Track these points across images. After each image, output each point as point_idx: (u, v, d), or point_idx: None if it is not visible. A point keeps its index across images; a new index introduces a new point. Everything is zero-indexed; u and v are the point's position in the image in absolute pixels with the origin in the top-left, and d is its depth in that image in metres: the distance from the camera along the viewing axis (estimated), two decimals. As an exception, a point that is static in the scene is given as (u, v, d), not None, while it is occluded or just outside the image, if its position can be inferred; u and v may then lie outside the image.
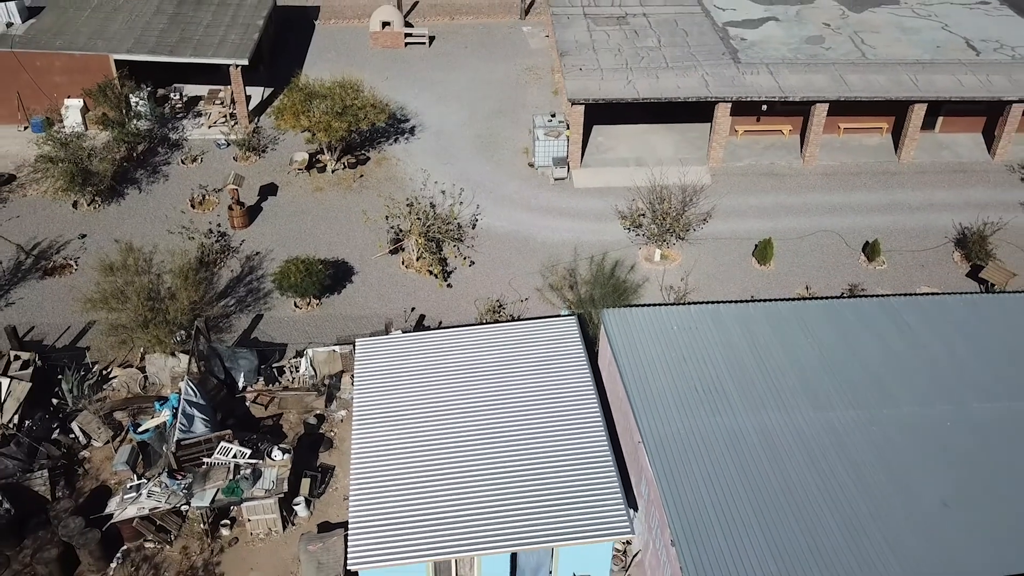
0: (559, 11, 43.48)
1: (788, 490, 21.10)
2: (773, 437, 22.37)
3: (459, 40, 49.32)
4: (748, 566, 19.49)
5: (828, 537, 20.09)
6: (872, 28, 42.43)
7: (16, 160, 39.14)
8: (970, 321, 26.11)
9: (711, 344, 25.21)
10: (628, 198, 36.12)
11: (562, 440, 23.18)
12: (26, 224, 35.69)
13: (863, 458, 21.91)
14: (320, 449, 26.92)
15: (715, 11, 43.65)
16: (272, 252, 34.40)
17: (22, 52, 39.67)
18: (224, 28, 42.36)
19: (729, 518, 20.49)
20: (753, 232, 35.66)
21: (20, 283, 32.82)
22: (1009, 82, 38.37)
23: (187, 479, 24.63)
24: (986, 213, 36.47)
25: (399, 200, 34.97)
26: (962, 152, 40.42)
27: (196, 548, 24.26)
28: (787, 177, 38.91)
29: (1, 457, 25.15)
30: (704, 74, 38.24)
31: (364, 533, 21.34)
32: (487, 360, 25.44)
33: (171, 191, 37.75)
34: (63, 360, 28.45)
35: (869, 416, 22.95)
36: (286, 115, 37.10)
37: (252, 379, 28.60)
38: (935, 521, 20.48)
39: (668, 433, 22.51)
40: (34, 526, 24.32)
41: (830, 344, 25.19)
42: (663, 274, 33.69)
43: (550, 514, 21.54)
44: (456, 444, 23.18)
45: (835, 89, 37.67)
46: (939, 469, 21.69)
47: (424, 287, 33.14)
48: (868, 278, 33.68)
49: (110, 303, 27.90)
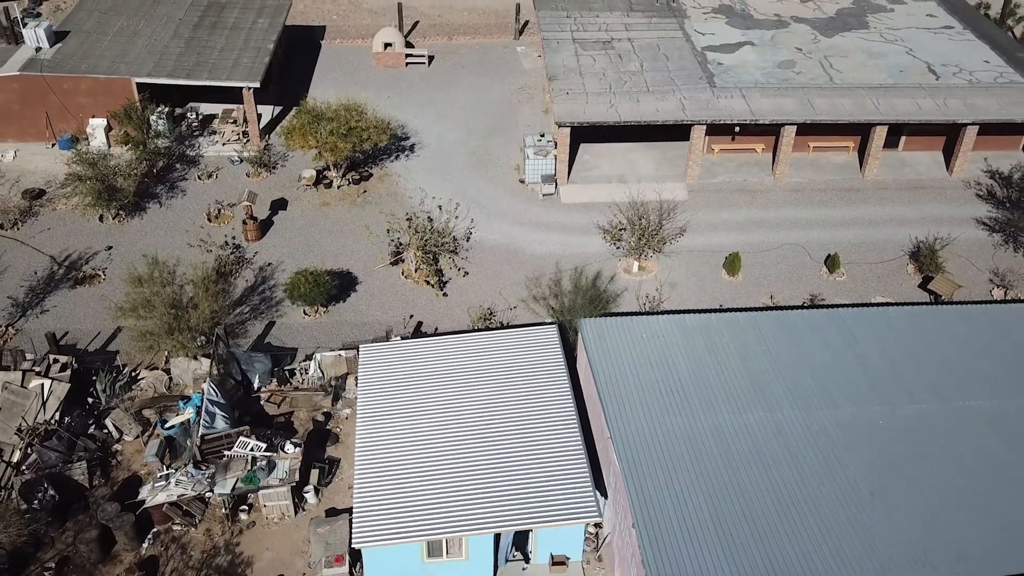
0: (549, 36, 46.54)
1: (736, 481, 24.22)
2: (725, 435, 25.49)
3: (457, 60, 52.41)
4: (697, 546, 22.60)
5: (768, 521, 23.20)
6: (841, 53, 45.46)
7: (45, 175, 42.30)
8: (908, 331, 29.20)
9: (675, 351, 28.32)
10: (611, 213, 39.15)
11: (541, 436, 26.34)
12: (57, 236, 38.84)
13: (803, 453, 25.03)
14: (327, 443, 30.08)
15: (695, 36, 46.69)
16: (283, 263, 37.53)
17: (51, 76, 42.76)
18: (237, 52, 45.45)
19: (683, 505, 23.60)
20: (725, 245, 38.72)
21: (53, 292, 35.98)
22: (964, 106, 41.40)
23: (210, 469, 27.83)
24: (941, 228, 39.54)
25: (399, 216, 38.08)
26: (922, 170, 43.48)
27: (218, 530, 27.45)
28: (758, 193, 42.00)
29: (44, 450, 28.33)
30: (681, 98, 41.33)
31: (367, 516, 24.52)
32: (476, 365, 28.60)
33: (189, 205, 40.89)
34: (97, 363, 31.67)
35: (811, 416, 26.07)
36: (295, 136, 40.25)
37: (266, 380, 31.76)
38: (862, 508, 23.60)
39: (634, 430, 25.63)
40: (75, 511, 27.52)
41: (781, 351, 28.31)
42: (640, 284, 36.80)
43: (529, 500, 24.72)
44: (447, 439, 26.35)
45: (802, 113, 40.74)
46: (869, 463, 24.81)
47: (422, 296, 36.25)
48: (828, 289, 36.77)
49: (139, 312, 31.06)
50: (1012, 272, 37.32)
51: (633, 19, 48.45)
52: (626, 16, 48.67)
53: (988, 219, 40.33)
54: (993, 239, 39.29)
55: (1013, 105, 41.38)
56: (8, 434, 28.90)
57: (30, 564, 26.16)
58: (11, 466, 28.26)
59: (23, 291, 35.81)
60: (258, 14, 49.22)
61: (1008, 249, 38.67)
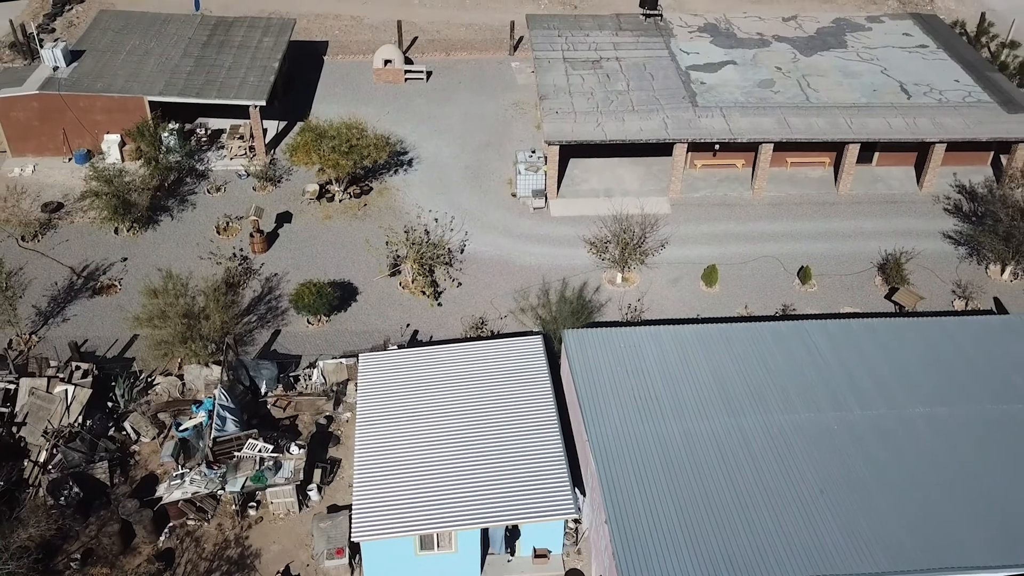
0: (541, 55, 48.88)
1: (700, 481, 26.59)
2: (693, 439, 27.87)
3: (454, 75, 54.77)
4: (663, 539, 24.96)
5: (727, 517, 25.58)
6: (819, 72, 47.78)
7: (63, 189, 44.74)
8: (866, 342, 31.56)
9: (650, 361, 30.70)
10: (597, 226, 41.43)
11: (524, 439, 28.75)
12: (75, 248, 41.28)
13: (763, 455, 27.41)
14: (329, 445, 32.52)
15: (680, 55, 49.03)
16: (288, 274, 39.94)
17: (68, 95, 45.17)
18: (244, 70, 47.82)
19: (652, 503, 25.96)
20: (704, 258, 41.06)
21: (73, 301, 38.41)
22: (932, 125, 43.70)
23: (221, 469, 30.28)
24: (910, 241, 41.88)
25: (397, 230, 40.47)
26: (894, 184, 45.82)
27: (229, 525, 29.91)
28: (738, 207, 44.36)
29: (69, 450, 30.79)
30: (664, 117, 43.68)
31: (365, 513, 26.94)
32: (466, 373, 31.00)
33: (199, 218, 43.31)
34: (115, 370, 34.13)
35: (771, 421, 28.45)
36: (299, 153, 42.64)
37: (272, 386, 34.19)
38: (813, 504, 25.98)
39: (609, 434, 28.01)
40: (98, 507, 29.98)
41: (748, 361, 30.67)
42: (623, 295, 39.18)
43: (512, 498, 27.12)
44: (439, 441, 28.76)
45: (779, 131, 43.07)
46: (822, 463, 27.19)
47: (418, 306, 38.65)
48: (800, 299, 39.14)
49: (154, 322, 33.50)
50: (973, 284, 39.62)
51: (622, 38, 50.79)
52: (615, 35, 51.02)
53: (954, 232, 42.64)
54: (958, 252, 41.60)
55: (978, 124, 43.65)
56: (35, 436, 31.37)
57: (57, 555, 28.62)
58: (39, 465, 30.74)
59: (45, 300, 38.24)
60: (264, 32, 51.59)
61: (971, 262, 40.97)
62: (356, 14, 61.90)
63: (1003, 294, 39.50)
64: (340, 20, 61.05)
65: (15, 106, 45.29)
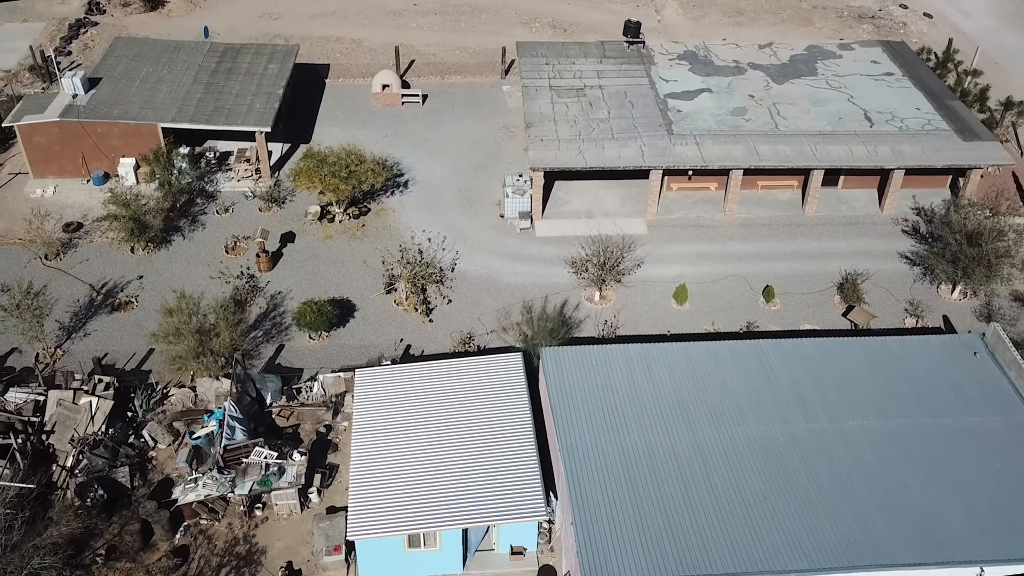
0: (528, 83, 52.10)
1: (657, 487, 29.87)
2: (652, 449, 31.15)
3: (448, 98, 58.00)
4: (621, 539, 28.26)
5: (679, 519, 28.84)
6: (789, 100, 50.95)
7: (82, 209, 48.06)
8: (815, 360, 34.82)
9: (618, 377, 33.98)
10: (578, 246, 44.54)
11: (502, 448, 32.03)
12: (94, 267, 44.59)
13: (715, 463, 30.70)
14: (328, 451, 35.85)
15: (660, 83, 52.23)
16: (291, 292, 43.22)
17: (86, 121, 48.48)
18: (250, 97, 51.09)
19: (613, 507, 29.26)
20: (677, 277, 44.23)
21: (93, 317, 41.72)
22: (892, 152, 46.86)
23: (231, 474, 33.62)
24: (869, 261, 45.07)
25: (393, 251, 43.71)
26: (857, 206, 49.01)
27: (238, 524, 33.26)
28: (710, 228, 47.58)
29: (94, 456, 34.14)
30: (642, 145, 46.88)
31: (360, 514, 30.25)
32: (452, 387, 34.29)
33: (209, 237, 46.61)
34: (134, 382, 37.49)
35: (724, 433, 31.73)
36: (301, 177, 45.93)
37: (277, 397, 37.51)
38: (756, 508, 29.26)
39: (578, 444, 31.31)
40: (120, 507, 33.32)
41: (706, 377, 33.96)
42: (600, 312, 42.42)
43: (491, 501, 30.42)
44: (426, 449, 32.06)
45: (748, 159, 46.26)
46: (767, 472, 30.47)
47: (411, 322, 41.93)
48: (763, 317, 42.36)
49: (169, 338, 36.82)
50: (924, 303, 42.80)
51: (606, 65, 53.99)
52: (599, 63, 54.22)
53: (910, 253, 45.84)
54: (913, 272, 44.80)
55: (934, 152, 46.81)
56: (63, 443, 34.72)
57: (84, 551, 31.96)
58: (66, 470, 34.08)
59: (67, 316, 41.55)
60: (269, 59, 54.86)
61: (924, 282, 44.17)
62: (357, 37, 65.14)
63: (952, 312, 42.70)
64: (341, 43, 64.29)
65: (37, 132, 48.60)
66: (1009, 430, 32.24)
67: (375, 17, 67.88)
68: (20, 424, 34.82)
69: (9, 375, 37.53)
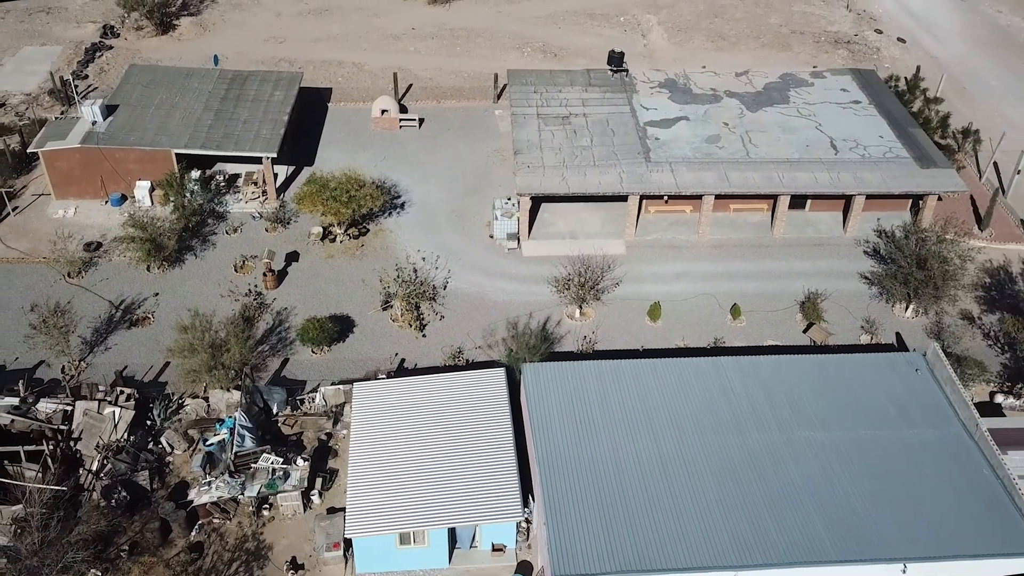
0: (517, 111, 55.70)
1: (621, 492, 33.48)
2: (619, 457, 34.78)
3: (443, 122, 61.61)
4: (589, 538, 31.88)
5: (641, 522, 32.45)
6: (760, 127, 54.49)
7: (101, 229, 51.72)
8: (770, 376, 38.43)
9: (591, 391, 37.60)
10: (561, 266, 48.04)
11: (485, 455, 35.67)
12: (113, 284, 48.25)
13: (674, 470, 34.33)
14: (328, 457, 39.51)
15: (640, 111, 55.80)
16: (296, 308, 46.86)
17: (106, 148, 52.16)
18: (257, 124, 54.73)
19: (582, 509, 32.87)
20: (652, 295, 47.80)
21: (113, 332, 45.40)
22: (854, 179, 50.41)
23: (241, 477, 37.30)
24: (831, 281, 48.64)
25: (389, 270, 47.32)
26: (823, 228, 52.58)
27: (247, 523, 36.95)
28: (685, 249, 51.19)
29: (117, 461, 37.84)
30: (621, 171, 50.48)
31: (357, 514, 33.94)
32: (439, 399, 37.94)
33: (219, 256, 50.26)
34: (152, 394, 41.19)
35: (684, 442, 35.35)
36: (305, 202, 49.60)
37: (282, 407, 41.17)
38: (709, 510, 32.88)
39: (552, 452, 34.95)
40: (141, 507, 37.01)
41: (671, 391, 37.56)
42: (580, 328, 46.04)
43: (473, 503, 34.09)
44: (416, 455, 35.71)
45: (719, 185, 49.84)
46: (721, 478, 34.08)
47: (406, 337, 45.55)
48: (730, 333, 45.94)
49: (184, 353, 40.49)
50: (879, 321, 46.37)
51: (590, 94, 57.57)
52: (584, 91, 57.80)
53: (869, 273, 49.39)
54: (871, 291, 48.37)
55: (893, 179, 50.38)
56: (89, 449, 38.39)
57: (110, 546, 35.64)
58: (93, 474, 37.76)
59: (89, 332, 45.22)
60: (274, 87, 58.49)
61: (881, 301, 47.73)
62: (358, 60, 68.76)
63: (904, 330, 46.28)
64: (343, 67, 67.92)
65: (59, 157, 52.28)
66: (941, 441, 35.85)
67: (375, 41, 71.50)
68: (50, 432, 38.49)
69: (39, 387, 41.14)
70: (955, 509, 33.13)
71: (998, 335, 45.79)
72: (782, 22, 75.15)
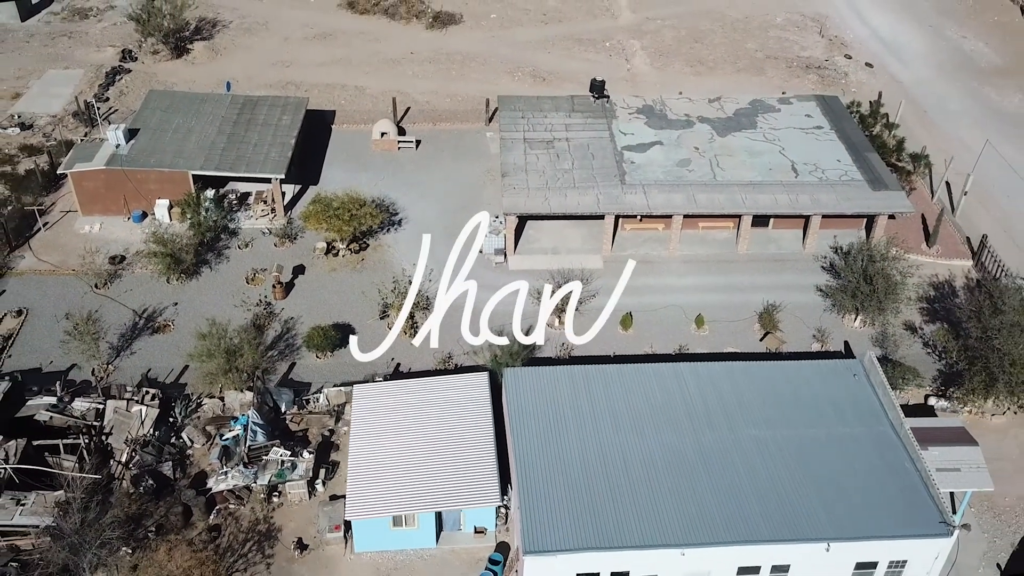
0: (506, 135, 60.58)
1: (586, 482, 38.26)
2: (585, 452, 39.58)
3: (438, 144, 66.51)
4: (557, 520, 36.71)
5: (603, 506, 37.23)
6: (728, 152, 59.29)
7: (124, 243, 56.66)
8: (723, 381, 43.21)
9: (564, 394, 42.39)
10: (542, 280, 52.83)
11: (467, 447, 40.59)
12: (136, 295, 53.17)
13: (633, 465, 39.14)
14: (331, 451, 44.41)
15: (619, 136, 60.64)
16: (302, 317, 51.77)
17: (128, 169, 57.12)
18: (267, 147, 59.67)
19: (552, 495, 37.68)
20: (625, 306, 52.59)
21: (137, 338, 50.31)
22: (811, 201, 55.24)
23: (254, 468, 42.23)
24: (789, 293, 53.44)
25: (387, 282, 52.20)
26: (784, 245, 57.43)
27: (259, 508, 41.84)
28: (657, 264, 56.05)
29: (144, 454, 42.78)
30: (598, 193, 55.35)
31: (355, 500, 38.85)
32: (428, 399, 42.84)
33: (232, 269, 55.18)
34: (174, 394, 46.16)
35: (644, 440, 40.18)
36: (311, 220, 54.56)
37: (290, 406, 46.09)
38: (663, 498, 37.69)
39: (527, 447, 39.77)
40: (165, 494, 41.91)
41: (634, 394, 42.36)
42: (558, 336, 50.89)
43: (458, 490, 39.01)
44: (407, 448, 40.61)
45: (687, 206, 54.70)
46: (675, 471, 38.89)
47: (401, 343, 50.41)
48: (694, 341, 50.77)
49: (203, 358, 45.41)
50: (830, 331, 51.19)
51: (573, 119, 62.42)
52: (568, 116, 62.66)
53: (824, 287, 54.22)
54: (824, 303, 53.20)
55: (847, 200, 55.22)
56: (119, 443, 43.32)
57: (139, 527, 40.53)
58: (122, 464, 42.69)
59: (116, 338, 50.15)
60: (282, 111, 63.41)
61: (832, 312, 52.56)
62: (360, 84, 73.66)
63: (853, 338, 51.11)
64: (346, 90, 72.82)
65: (86, 177, 57.24)
66: (871, 439, 40.66)
67: (376, 64, 76.38)
68: (85, 427, 43.43)
69: (74, 387, 46.08)
70: (877, 497, 37.96)
71: (935, 344, 50.60)
72: (758, 47, 79.95)
